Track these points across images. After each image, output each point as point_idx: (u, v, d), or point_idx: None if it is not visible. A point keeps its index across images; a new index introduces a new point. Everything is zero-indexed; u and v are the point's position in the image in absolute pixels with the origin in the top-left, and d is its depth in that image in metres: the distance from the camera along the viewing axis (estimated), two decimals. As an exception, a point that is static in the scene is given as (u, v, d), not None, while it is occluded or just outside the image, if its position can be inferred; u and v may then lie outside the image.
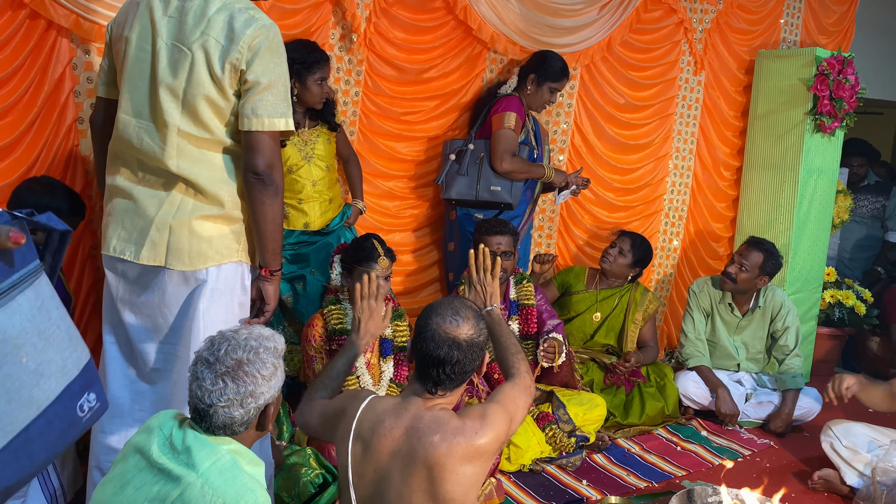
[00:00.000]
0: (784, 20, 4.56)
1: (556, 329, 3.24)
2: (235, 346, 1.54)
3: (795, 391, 3.60)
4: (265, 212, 1.96)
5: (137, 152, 1.99)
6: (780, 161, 4.31)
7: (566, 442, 3.10)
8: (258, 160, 1.92)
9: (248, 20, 1.88)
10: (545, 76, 3.44)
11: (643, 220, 4.35)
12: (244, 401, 1.52)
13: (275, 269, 2.07)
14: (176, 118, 1.92)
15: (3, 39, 2.51)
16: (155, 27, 1.93)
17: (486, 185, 3.38)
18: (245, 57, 1.88)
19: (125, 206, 2.01)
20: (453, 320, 1.74)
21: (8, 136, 2.59)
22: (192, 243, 1.96)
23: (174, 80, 1.91)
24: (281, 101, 1.94)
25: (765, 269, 3.60)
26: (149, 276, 2.01)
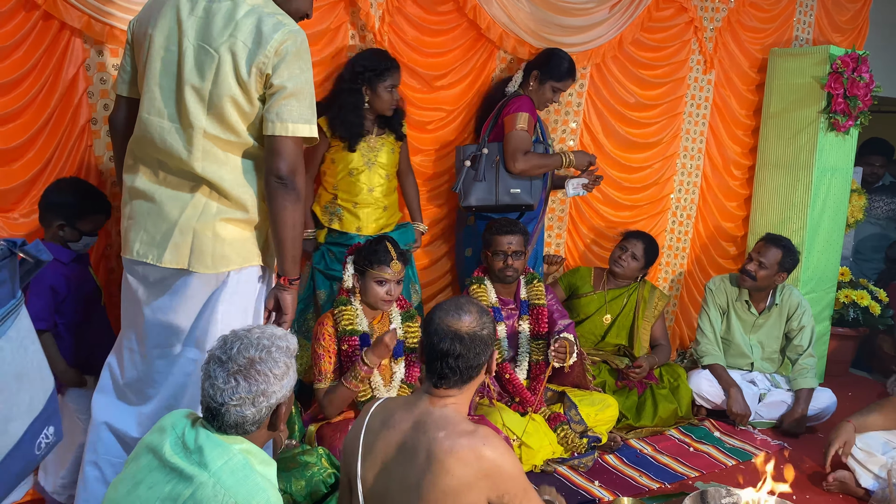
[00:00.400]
0: (797, 18, 4.53)
1: (567, 329, 3.22)
2: (248, 345, 1.54)
3: (809, 391, 3.57)
4: (285, 217, 1.95)
5: (159, 153, 1.99)
6: (794, 160, 4.27)
7: (578, 442, 3.09)
8: (281, 164, 1.92)
9: (276, 25, 1.89)
10: (549, 74, 3.41)
11: (650, 219, 4.34)
12: (256, 399, 1.52)
13: (293, 279, 2.05)
14: (202, 120, 1.92)
15: (17, 40, 2.53)
16: (181, 27, 1.93)
17: (505, 188, 3.36)
18: (272, 61, 1.88)
19: (147, 208, 2.01)
20: (456, 314, 1.76)
21: (21, 136, 2.61)
22: (216, 246, 1.97)
23: (201, 81, 1.91)
24: (306, 108, 1.94)
25: (783, 266, 3.58)
26: (171, 279, 2.02)
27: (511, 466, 1.69)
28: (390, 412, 1.79)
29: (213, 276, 2.00)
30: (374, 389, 2.81)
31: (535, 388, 3.19)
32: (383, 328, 2.92)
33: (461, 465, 1.64)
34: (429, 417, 1.72)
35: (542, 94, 3.45)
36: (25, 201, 2.68)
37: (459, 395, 1.78)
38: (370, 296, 2.77)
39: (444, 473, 1.63)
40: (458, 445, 1.65)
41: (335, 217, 3.18)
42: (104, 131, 2.83)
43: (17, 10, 2.51)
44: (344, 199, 3.16)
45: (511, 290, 3.31)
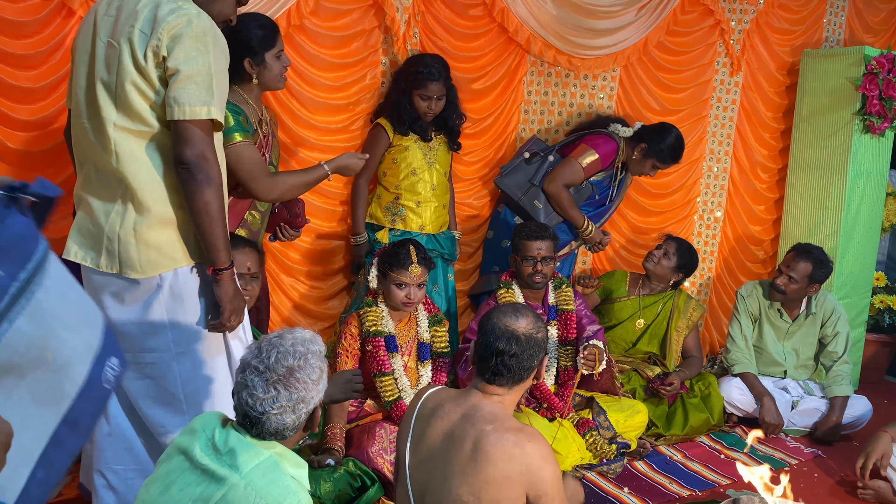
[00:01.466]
0: (827, 19, 4.47)
1: (596, 335, 3.19)
2: (285, 354, 1.54)
3: (844, 399, 3.50)
4: (196, 204, 1.88)
5: (84, 155, 2.00)
6: (827, 163, 4.20)
7: (607, 449, 3.06)
8: (183, 149, 1.86)
9: (173, 9, 1.85)
10: (653, 152, 3.47)
11: (677, 224, 4.30)
12: (296, 407, 1.53)
13: (220, 267, 1.95)
14: (111, 113, 1.90)
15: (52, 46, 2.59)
16: (96, 28, 1.94)
17: (533, 196, 3.43)
18: (165, 44, 1.84)
19: (83, 212, 2.02)
20: (513, 316, 1.85)
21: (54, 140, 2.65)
22: (141, 251, 1.94)
23: (108, 75, 1.90)
24: (204, 90, 1.86)
25: (815, 278, 3.51)
26: (109, 283, 2.00)
27: (551, 471, 1.74)
28: (441, 402, 1.87)
29: (146, 281, 1.96)
30: (402, 390, 2.81)
31: (564, 394, 3.16)
32: (409, 331, 2.93)
33: (505, 458, 1.70)
34: (478, 411, 1.79)
35: (643, 166, 3.53)
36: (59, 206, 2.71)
37: (507, 395, 1.84)
38: (390, 298, 2.79)
39: (487, 463, 1.70)
40: (503, 439, 1.71)
41: (398, 217, 3.24)
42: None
43: (53, 16, 2.57)
44: (407, 198, 3.22)
45: (539, 295, 3.29)
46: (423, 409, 1.89)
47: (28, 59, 2.56)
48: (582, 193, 3.50)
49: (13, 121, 2.58)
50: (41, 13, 2.54)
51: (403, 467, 1.87)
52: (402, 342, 2.89)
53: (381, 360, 2.77)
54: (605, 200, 3.63)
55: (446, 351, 2.96)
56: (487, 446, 1.71)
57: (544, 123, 3.82)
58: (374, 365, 2.76)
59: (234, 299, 2.00)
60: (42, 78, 2.59)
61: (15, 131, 2.59)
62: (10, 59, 2.53)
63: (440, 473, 1.77)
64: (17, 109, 2.58)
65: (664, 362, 3.66)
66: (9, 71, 2.54)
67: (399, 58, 3.31)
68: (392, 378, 2.79)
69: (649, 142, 3.46)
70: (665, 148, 3.46)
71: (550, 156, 3.48)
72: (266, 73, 2.43)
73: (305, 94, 3.12)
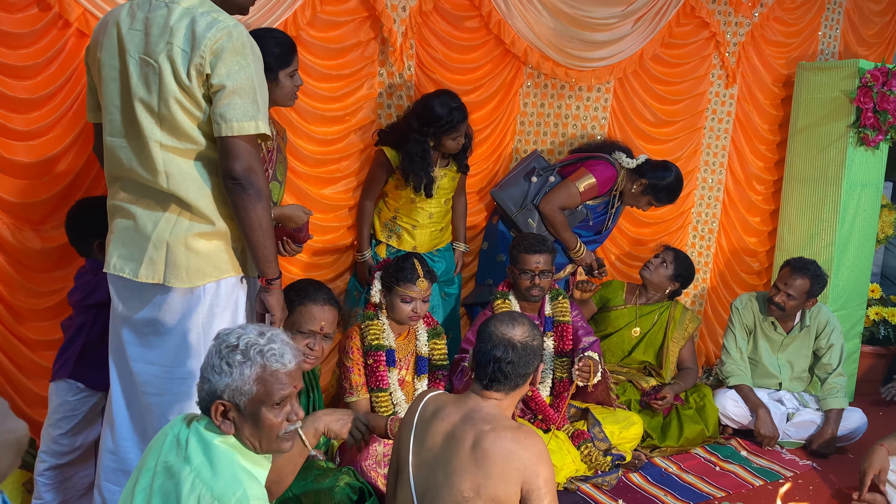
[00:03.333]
0: (822, 32, 4.49)
1: (591, 347, 3.19)
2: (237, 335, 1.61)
3: (839, 412, 3.50)
4: (249, 218, 1.91)
5: (128, 173, 1.98)
6: (822, 175, 4.22)
7: (602, 460, 3.05)
8: (233, 165, 1.87)
9: (210, 23, 1.85)
10: (653, 190, 3.49)
11: (671, 235, 4.30)
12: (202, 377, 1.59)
13: (272, 278, 2.00)
14: (155, 132, 1.89)
15: (49, 57, 2.58)
16: (123, 43, 1.91)
17: (528, 214, 3.45)
18: (208, 60, 1.84)
19: (125, 224, 2.02)
20: (510, 324, 1.94)
21: (51, 150, 2.66)
22: (190, 260, 1.95)
23: (147, 94, 1.89)
24: (250, 104, 1.88)
25: (812, 293, 3.51)
26: (148, 294, 2.00)
27: (545, 469, 1.83)
28: (442, 405, 1.95)
29: (190, 290, 1.97)
30: (396, 405, 2.80)
31: (558, 406, 3.16)
32: (408, 345, 2.92)
33: (503, 454, 1.79)
34: (476, 413, 1.88)
35: (638, 200, 3.56)
36: (56, 214, 2.72)
37: (505, 400, 1.93)
38: (396, 313, 2.78)
39: (487, 460, 1.79)
40: (501, 437, 1.80)
41: (394, 234, 3.27)
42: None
43: (49, 27, 2.57)
44: (404, 220, 3.26)
45: (535, 306, 3.28)
46: (425, 412, 1.95)
47: (24, 70, 2.56)
48: (576, 217, 3.51)
49: (10, 131, 2.58)
50: (38, 24, 2.54)
51: (406, 468, 1.91)
52: (400, 356, 2.88)
53: (381, 376, 2.76)
54: (601, 227, 3.64)
55: (444, 363, 2.96)
56: (486, 444, 1.80)
57: (540, 135, 3.82)
58: (373, 380, 2.75)
59: (284, 308, 2.09)
60: (39, 88, 2.59)
61: (12, 141, 2.59)
62: (6, 69, 2.53)
63: (442, 472, 1.84)
64: (14, 119, 2.58)
65: (660, 372, 3.66)
66: (5, 81, 2.53)
67: (395, 69, 3.32)
68: (388, 394, 2.78)
69: (650, 178, 3.48)
70: (664, 187, 3.49)
71: (552, 176, 3.49)
72: (277, 90, 2.39)
73: (302, 104, 3.13)
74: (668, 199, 3.55)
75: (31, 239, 2.68)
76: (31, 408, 2.80)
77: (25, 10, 2.52)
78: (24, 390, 2.79)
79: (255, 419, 1.55)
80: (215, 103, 1.86)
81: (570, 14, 3.61)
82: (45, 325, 2.77)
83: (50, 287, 2.75)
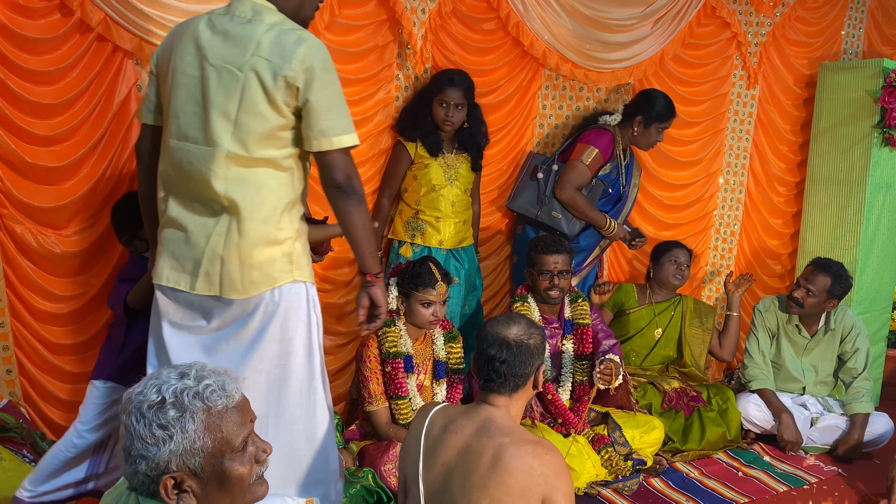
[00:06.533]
0: (845, 31, 4.43)
1: (612, 349, 3.16)
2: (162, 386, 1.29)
3: (865, 416, 3.44)
4: (353, 220, 2.02)
5: (186, 177, 2.01)
6: (846, 176, 4.16)
7: (622, 465, 3.02)
8: (337, 175, 1.98)
9: (298, 40, 1.91)
10: (652, 117, 3.47)
11: (693, 237, 4.26)
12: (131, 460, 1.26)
13: (377, 272, 2.11)
14: (226, 140, 1.94)
15: (72, 62, 2.61)
16: (202, 51, 1.95)
17: (549, 208, 3.43)
18: (300, 77, 1.90)
19: (176, 236, 2.04)
20: (505, 324, 1.90)
21: (73, 154, 2.68)
22: (244, 272, 1.99)
23: (227, 102, 1.93)
24: (343, 118, 1.98)
25: (833, 293, 3.46)
26: (204, 303, 2.04)
27: (566, 483, 1.78)
28: (451, 418, 1.89)
29: (247, 301, 2.01)
30: (415, 411, 2.79)
31: (579, 410, 3.13)
32: (426, 349, 2.91)
33: (525, 469, 1.74)
34: (492, 424, 1.83)
35: (649, 136, 3.51)
36: (77, 219, 2.75)
37: (511, 405, 1.88)
38: (416, 317, 2.77)
39: (508, 475, 1.73)
40: (523, 451, 1.75)
41: (417, 232, 3.26)
42: (153, 150, 2.89)
43: (71, 33, 2.59)
44: (426, 213, 3.24)
45: (555, 308, 3.26)
46: (432, 427, 1.90)
47: (46, 75, 2.58)
48: (594, 192, 3.48)
49: (31, 136, 2.60)
50: (60, 30, 2.56)
51: (416, 484, 1.86)
52: (418, 361, 2.88)
53: (400, 383, 2.76)
54: (619, 192, 3.60)
55: (461, 367, 2.95)
56: (507, 458, 1.74)
57: (559, 137, 3.80)
58: (392, 387, 2.75)
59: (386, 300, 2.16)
60: (60, 94, 2.61)
61: (33, 146, 2.61)
62: (28, 74, 2.56)
63: (458, 487, 1.79)
64: (36, 125, 2.60)
65: (684, 363, 3.66)
66: (27, 87, 2.56)
67: (414, 72, 3.31)
68: (407, 400, 2.78)
69: (643, 112, 3.47)
70: (659, 108, 3.47)
71: (554, 165, 3.48)
72: None
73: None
74: (669, 113, 3.50)
75: (52, 243, 2.71)
76: (53, 410, 2.83)
77: (48, 15, 2.55)
78: (47, 394, 2.81)
79: (220, 478, 1.26)
80: (311, 119, 1.94)
81: (588, 15, 3.59)
82: (66, 329, 2.80)
83: (71, 291, 2.77)
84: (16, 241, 2.67)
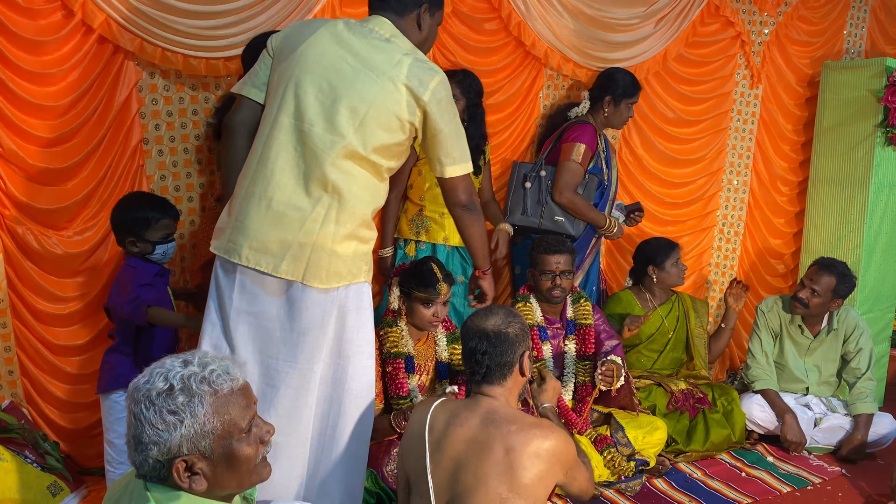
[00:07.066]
0: (847, 31, 4.42)
1: (614, 350, 3.15)
2: None
3: (868, 417, 3.43)
4: (474, 232, 2.30)
5: (294, 157, 2.04)
6: (849, 176, 4.15)
7: (625, 466, 3.02)
8: (462, 196, 2.21)
9: (432, 71, 2.07)
10: (620, 94, 3.43)
11: (695, 236, 4.25)
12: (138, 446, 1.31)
13: (486, 269, 2.42)
14: (350, 134, 2.01)
15: (73, 63, 2.61)
16: (341, 47, 2.04)
17: (551, 213, 3.40)
18: (432, 106, 2.05)
19: (264, 215, 2.04)
20: (483, 316, 1.97)
21: (75, 156, 2.68)
22: (332, 262, 2.05)
23: (358, 101, 2.01)
24: (465, 146, 2.18)
25: (838, 293, 3.45)
26: (279, 288, 2.07)
27: (571, 449, 1.91)
28: (454, 412, 1.93)
29: (325, 291, 2.06)
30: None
31: (581, 410, 3.13)
32: (428, 350, 2.90)
33: (537, 453, 1.84)
34: (496, 414, 1.89)
35: (620, 114, 3.48)
36: (79, 220, 2.75)
37: (506, 393, 1.95)
38: (417, 318, 2.76)
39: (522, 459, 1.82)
40: (531, 436, 1.84)
41: (422, 229, 3.25)
42: (155, 151, 2.89)
43: (73, 34, 2.59)
44: (430, 209, 3.23)
45: (557, 309, 3.26)
46: (435, 422, 1.93)
47: (47, 77, 2.58)
48: (589, 188, 3.45)
49: (33, 137, 2.60)
50: (61, 31, 2.57)
51: (424, 479, 1.88)
52: (420, 361, 2.87)
53: (401, 384, 2.75)
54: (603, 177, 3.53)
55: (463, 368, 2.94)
56: (518, 446, 1.83)
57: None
58: (393, 387, 2.74)
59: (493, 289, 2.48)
60: (61, 95, 2.61)
61: (35, 147, 2.62)
62: (29, 76, 2.56)
63: (472, 477, 1.83)
64: (37, 126, 2.60)
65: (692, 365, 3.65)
66: (28, 87, 2.56)
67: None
68: (408, 400, 2.77)
69: (609, 92, 3.43)
70: (625, 84, 3.44)
71: (542, 171, 3.42)
72: None
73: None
74: (635, 87, 3.48)
75: (54, 244, 2.71)
76: (55, 411, 2.83)
77: (49, 16, 2.55)
78: (48, 395, 2.81)
79: (229, 458, 1.30)
80: (438, 146, 2.12)
81: (591, 15, 3.58)
82: (68, 330, 2.80)
83: (73, 292, 2.77)
84: (17, 242, 2.67)
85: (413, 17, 2.16)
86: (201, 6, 2.71)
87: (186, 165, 2.97)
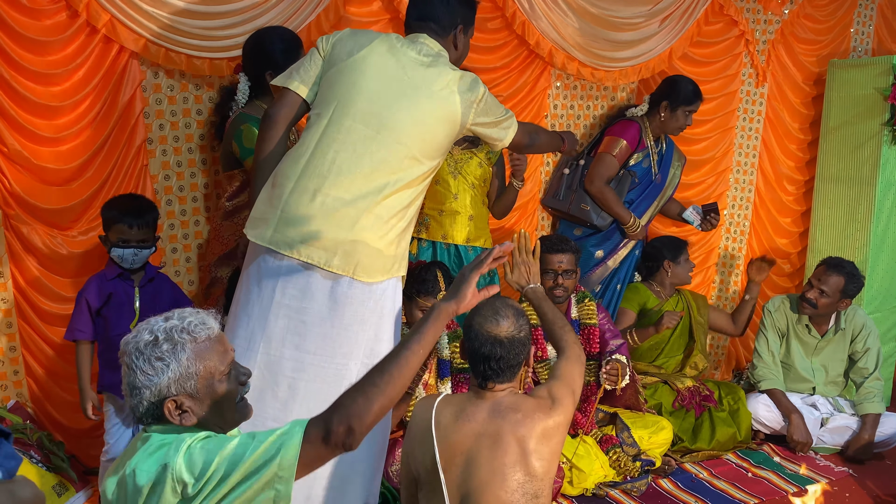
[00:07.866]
0: (854, 29, 4.40)
1: (619, 350, 3.14)
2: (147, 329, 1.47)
3: (876, 416, 3.41)
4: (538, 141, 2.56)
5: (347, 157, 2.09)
6: (856, 174, 4.12)
7: (631, 466, 3.01)
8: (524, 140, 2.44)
9: (473, 83, 2.22)
10: (678, 101, 3.53)
11: (702, 235, 4.23)
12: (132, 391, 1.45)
13: None
14: (408, 140, 2.12)
15: (78, 63, 2.62)
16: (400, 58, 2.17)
17: (579, 201, 3.54)
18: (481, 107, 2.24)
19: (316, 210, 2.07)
20: (494, 320, 1.92)
21: (80, 156, 2.69)
22: (380, 259, 2.12)
23: (425, 106, 2.14)
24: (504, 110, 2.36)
25: (846, 293, 3.43)
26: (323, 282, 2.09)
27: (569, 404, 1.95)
28: (460, 407, 1.93)
29: (369, 286, 2.12)
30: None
31: (586, 410, 3.12)
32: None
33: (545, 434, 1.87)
34: (500, 406, 1.91)
35: (676, 120, 3.57)
36: (83, 220, 2.75)
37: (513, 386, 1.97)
38: (415, 321, 2.76)
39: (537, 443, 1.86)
40: (536, 419, 1.88)
41: (422, 226, 3.24)
42: (159, 151, 2.89)
43: (77, 34, 2.60)
44: (429, 206, 3.22)
45: (561, 309, 3.24)
46: (441, 417, 1.92)
47: (52, 77, 2.59)
48: (623, 183, 3.57)
49: (37, 137, 2.61)
50: (66, 31, 2.57)
51: (435, 475, 1.88)
52: (422, 360, 2.86)
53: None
54: (651, 180, 3.63)
55: (465, 366, 2.93)
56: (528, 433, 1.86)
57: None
58: None
59: None
60: (66, 95, 2.62)
61: (39, 147, 2.62)
62: (33, 76, 2.57)
63: (486, 470, 1.85)
64: (41, 126, 2.61)
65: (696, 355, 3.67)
66: (33, 87, 2.57)
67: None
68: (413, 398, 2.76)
69: (669, 98, 3.53)
70: (685, 91, 3.53)
71: (582, 160, 3.59)
72: None
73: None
74: (696, 96, 3.56)
75: (59, 244, 2.71)
76: (58, 410, 2.84)
77: (53, 16, 2.56)
78: (53, 394, 2.82)
79: (213, 396, 1.46)
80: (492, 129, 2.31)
81: (595, 14, 3.57)
82: (73, 329, 2.80)
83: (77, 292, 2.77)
84: (22, 242, 2.67)
85: (450, 38, 2.31)
86: (205, 6, 2.71)
87: (190, 165, 2.97)
